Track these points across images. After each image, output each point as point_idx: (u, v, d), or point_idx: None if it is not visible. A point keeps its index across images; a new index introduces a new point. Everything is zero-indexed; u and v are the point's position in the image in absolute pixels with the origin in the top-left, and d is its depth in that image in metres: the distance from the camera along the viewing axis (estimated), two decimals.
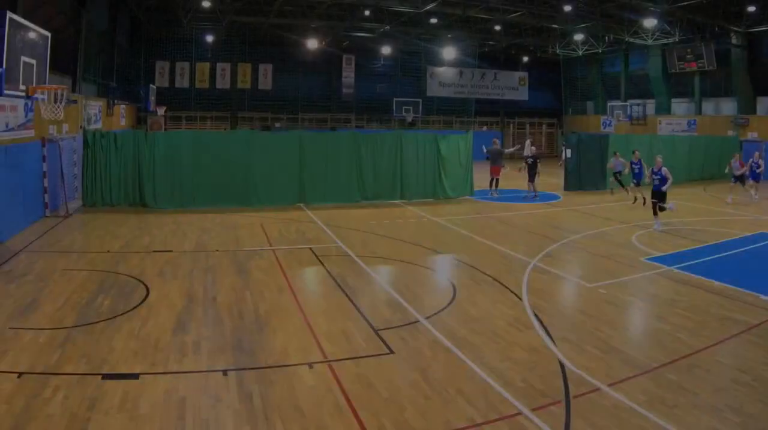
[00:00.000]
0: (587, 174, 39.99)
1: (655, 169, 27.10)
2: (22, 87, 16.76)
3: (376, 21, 56.70)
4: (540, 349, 12.94)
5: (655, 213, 26.88)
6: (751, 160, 36.32)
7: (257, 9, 54.60)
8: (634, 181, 33.71)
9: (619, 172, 36.32)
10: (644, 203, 31.55)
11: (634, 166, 33.42)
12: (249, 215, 29.26)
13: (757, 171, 35.88)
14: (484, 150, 38.11)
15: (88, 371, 11.46)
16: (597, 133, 59.44)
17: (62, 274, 17.78)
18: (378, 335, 13.61)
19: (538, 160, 36.94)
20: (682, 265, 20.27)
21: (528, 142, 60.84)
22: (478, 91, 70.98)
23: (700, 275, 19.02)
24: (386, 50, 66.32)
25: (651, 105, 63.41)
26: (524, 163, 38.03)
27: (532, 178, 36.39)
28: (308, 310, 15.38)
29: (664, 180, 26.60)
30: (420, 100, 69.29)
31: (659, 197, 26.73)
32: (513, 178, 43.19)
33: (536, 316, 15.05)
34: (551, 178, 46.80)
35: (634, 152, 34.09)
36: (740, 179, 35.53)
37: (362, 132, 39.71)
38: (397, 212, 30.87)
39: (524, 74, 73.61)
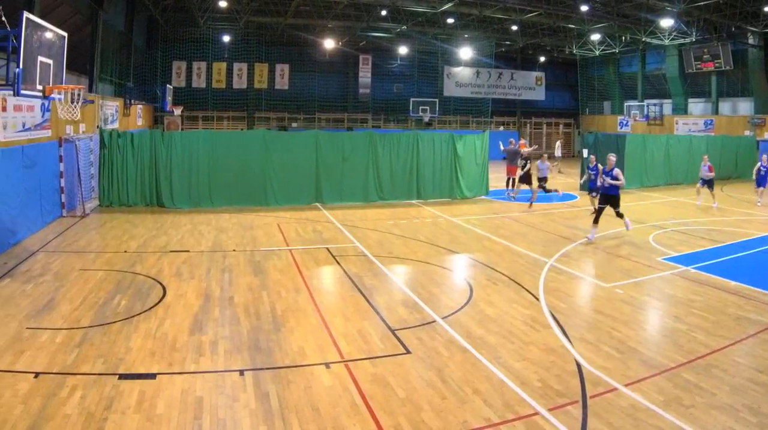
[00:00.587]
0: None
1: (607, 170, 24.98)
2: (39, 87, 16.76)
3: (392, 21, 56.87)
4: (557, 349, 12.94)
5: (596, 221, 24.78)
6: (759, 163, 35.68)
7: (274, 9, 54.85)
8: (593, 194, 30.19)
9: (544, 179, 34.62)
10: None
11: (590, 172, 30.41)
12: (266, 214, 29.34)
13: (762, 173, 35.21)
14: (501, 148, 38.05)
15: (104, 371, 11.52)
16: (614, 133, 59.22)
17: (79, 274, 17.83)
18: (395, 335, 13.64)
19: (529, 161, 36.23)
20: (699, 265, 20.25)
21: (559, 143, 60.99)
22: (494, 91, 70.87)
23: (716, 275, 18.99)
24: (403, 50, 66.34)
25: (668, 105, 63.30)
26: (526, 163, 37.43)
27: (525, 179, 35.51)
28: (325, 310, 15.41)
29: (615, 182, 24.87)
30: (437, 100, 69.19)
31: (610, 202, 25.07)
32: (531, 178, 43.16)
33: (553, 316, 15.07)
34: (568, 179, 46.75)
35: (590, 158, 31.92)
36: (708, 183, 34.54)
37: (379, 132, 39.64)
38: (414, 212, 30.87)
39: (541, 74, 73.47)
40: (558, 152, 57.86)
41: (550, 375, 11.54)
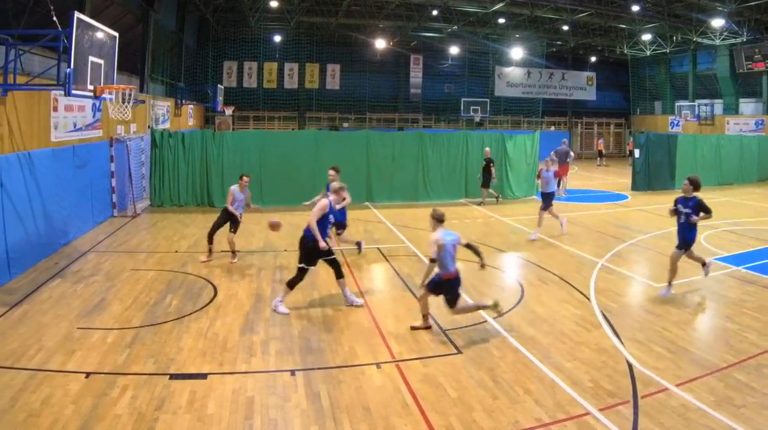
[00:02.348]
0: (655, 174, 39.66)
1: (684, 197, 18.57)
2: (90, 87, 16.80)
3: (443, 21, 56.84)
4: (608, 349, 12.95)
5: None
6: None
7: (325, 9, 55.05)
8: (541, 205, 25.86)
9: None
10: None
11: (546, 175, 25.97)
12: None
13: None
14: (553, 155, 38.00)
15: (155, 371, 11.70)
16: (665, 133, 58.80)
17: (130, 274, 18.01)
18: (446, 335, 13.74)
19: (492, 164, 33.44)
20: (750, 265, 20.15)
21: (600, 142, 60.89)
22: (545, 91, 70.47)
23: None
24: (454, 50, 66.09)
25: (719, 105, 62.64)
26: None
27: (485, 182, 33.37)
28: (376, 310, 15.53)
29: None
30: (488, 100, 68.84)
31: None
32: (581, 178, 42.98)
33: (604, 316, 15.08)
34: (620, 179, 46.49)
35: (546, 161, 26.86)
36: None
37: (429, 132, 39.61)
38: (464, 212, 30.84)
39: (592, 74, 72.94)
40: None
41: (602, 375, 11.57)
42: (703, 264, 17.58)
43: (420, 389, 11.04)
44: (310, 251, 15.53)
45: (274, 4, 51.60)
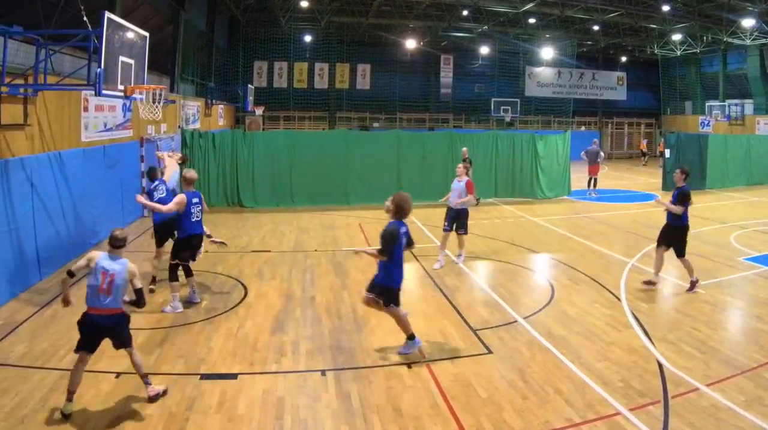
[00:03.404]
0: None
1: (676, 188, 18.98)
2: (121, 87, 16.80)
3: (474, 21, 56.76)
4: (638, 349, 12.96)
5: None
6: None
7: (355, 9, 55.14)
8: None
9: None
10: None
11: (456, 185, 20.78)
12: (347, 213, 29.66)
13: None
14: (583, 155, 37.83)
15: (186, 370, 11.81)
16: (696, 133, 58.58)
17: (160, 274, 18.10)
18: (476, 335, 13.78)
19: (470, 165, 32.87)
20: None
21: (644, 142, 60.90)
22: (576, 91, 70.15)
23: None
24: (484, 50, 65.89)
25: (749, 105, 62.18)
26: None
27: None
28: (406, 309, 15.49)
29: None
30: (518, 100, 68.57)
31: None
32: (612, 178, 42.92)
33: (634, 316, 15.09)
34: (650, 179, 46.37)
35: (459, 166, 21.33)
36: None
37: (460, 132, 39.60)
38: (495, 212, 30.86)
39: (622, 74, 72.54)
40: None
41: (632, 375, 11.58)
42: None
43: (450, 389, 11.07)
44: None
45: (304, 4, 51.79)
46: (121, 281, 10.48)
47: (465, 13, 54.52)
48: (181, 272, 15.87)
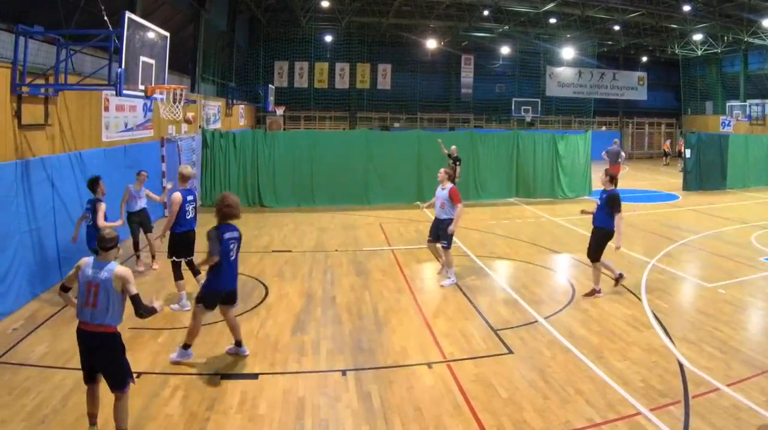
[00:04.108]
0: (706, 174, 39.42)
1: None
2: (141, 87, 16.82)
3: (495, 21, 56.74)
4: (659, 349, 12.96)
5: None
6: None
7: (376, 9, 55.17)
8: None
9: None
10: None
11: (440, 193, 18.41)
12: (367, 213, 29.73)
13: None
14: (604, 155, 37.77)
15: (206, 371, 11.86)
16: (716, 133, 58.36)
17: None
18: (497, 335, 13.81)
19: (458, 163, 31.40)
20: None
21: (667, 142, 60.84)
22: (597, 91, 69.93)
23: None
24: (505, 50, 65.74)
25: None
26: None
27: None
28: (427, 310, 15.62)
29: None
30: (539, 100, 68.46)
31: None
32: (633, 178, 42.88)
33: (655, 316, 15.07)
34: (671, 179, 46.29)
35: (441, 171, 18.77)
36: None
37: (480, 132, 39.59)
38: (515, 212, 30.87)
39: (643, 74, 72.28)
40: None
41: (653, 375, 11.59)
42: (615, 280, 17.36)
43: (471, 390, 11.09)
44: None
45: (325, 4, 51.88)
46: (107, 289, 9.04)
47: (486, 13, 54.47)
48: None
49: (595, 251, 16.89)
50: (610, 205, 16.44)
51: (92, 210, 16.51)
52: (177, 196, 15.36)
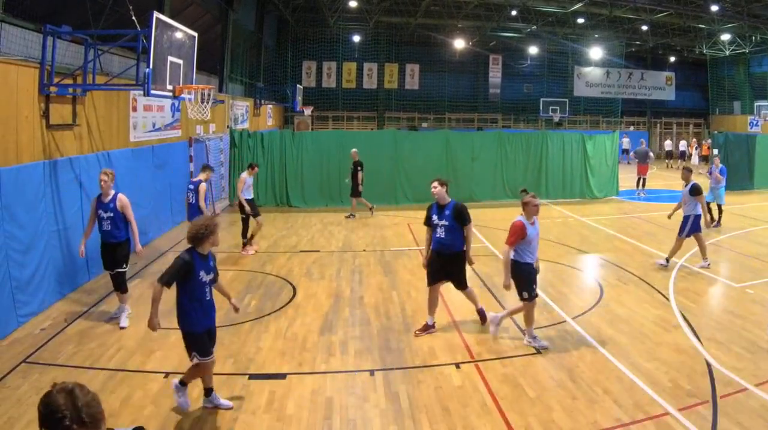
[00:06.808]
0: (734, 174, 39.21)
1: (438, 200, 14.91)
2: (169, 87, 16.81)
3: (522, 21, 56.70)
4: (687, 349, 12.95)
5: (433, 308, 14.51)
6: None
7: (404, 9, 55.29)
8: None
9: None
10: None
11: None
12: (395, 213, 29.90)
13: None
14: (632, 155, 37.65)
15: (234, 370, 11.96)
16: (744, 133, 58.06)
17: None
18: (525, 335, 13.75)
19: (359, 168, 29.16)
20: None
21: (685, 143, 60.63)
22: (624, 91, 69.66)
23: None
24: (533, 50, 65.70)
25: None
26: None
27: (354, 192, 29.15)
28: (455, 310, 15.64)
29: (454, 228, 14.83)
30: (567, 100, 68.35)
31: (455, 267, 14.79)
32: (661, 178, 42.74)
33: (683, 316, 15.07)
34: (698, 179, 46.05)
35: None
36: None
37: (508, 132, 39.61)
38: (543, 212, 30.39)
39: (671, 74, 71.92)
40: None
41: (681, 375, 11.59)
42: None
43: (499, 390, 11.12)
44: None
45: (353, 4, 52.06)
46: None
47: (513, 13, 54.51)
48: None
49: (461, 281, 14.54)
50: (459, 217, 14.71)
51: (195, 191, 18.65)
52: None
